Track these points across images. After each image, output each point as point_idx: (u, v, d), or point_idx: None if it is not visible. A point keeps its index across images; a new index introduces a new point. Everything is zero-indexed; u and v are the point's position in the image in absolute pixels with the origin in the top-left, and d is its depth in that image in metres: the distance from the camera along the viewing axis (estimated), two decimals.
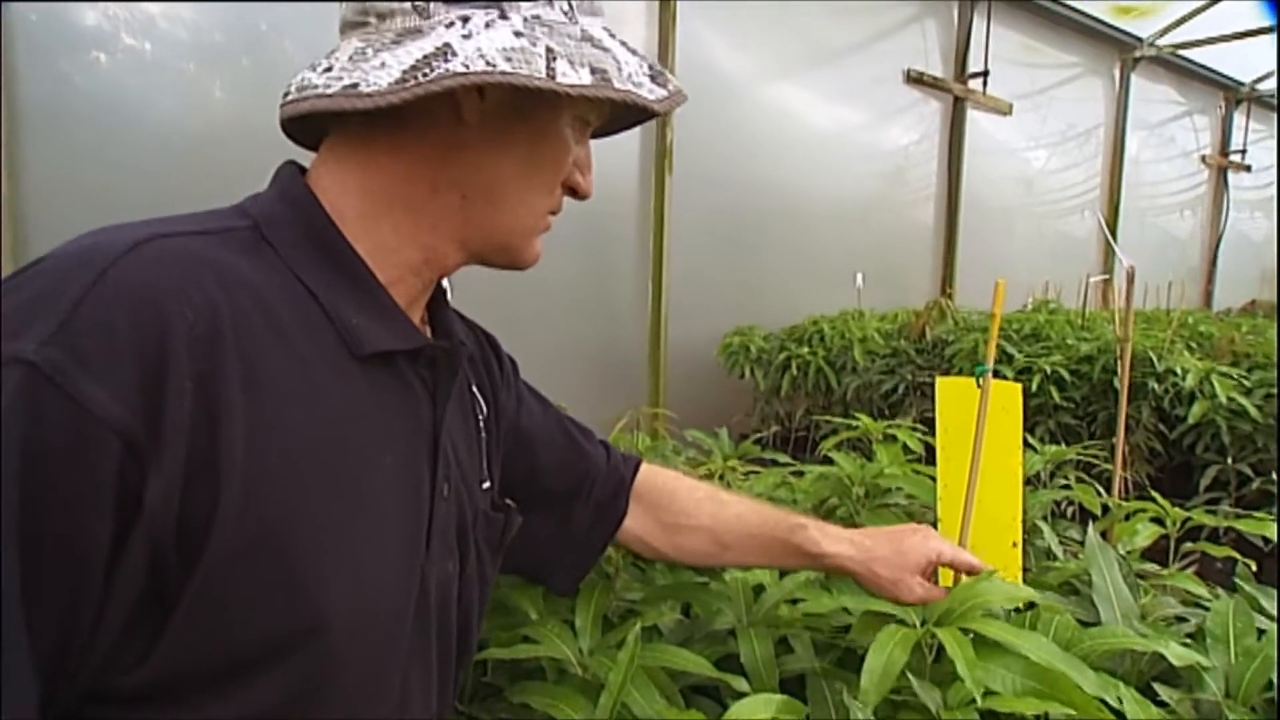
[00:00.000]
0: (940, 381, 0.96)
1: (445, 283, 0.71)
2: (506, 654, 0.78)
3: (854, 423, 1.46)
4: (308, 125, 0.62)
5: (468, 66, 0.53)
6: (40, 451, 0.43)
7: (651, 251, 3.13)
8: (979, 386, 0.90)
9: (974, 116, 4.40)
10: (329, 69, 0.57)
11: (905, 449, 1.32)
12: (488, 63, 0.53)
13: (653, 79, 0.60)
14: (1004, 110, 4.50)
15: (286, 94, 0.59)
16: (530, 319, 2.74)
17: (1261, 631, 0.84)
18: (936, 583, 0.88)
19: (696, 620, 0.94)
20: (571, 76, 0.55)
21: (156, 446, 0.46)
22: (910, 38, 4.10)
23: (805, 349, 2.92)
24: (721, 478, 1.34)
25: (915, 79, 4.07)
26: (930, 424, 0.99)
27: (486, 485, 0.75)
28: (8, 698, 0.43)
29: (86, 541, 0.45)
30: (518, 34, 0.56)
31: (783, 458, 1.49)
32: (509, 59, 0.54)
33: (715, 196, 3.32)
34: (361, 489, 0.56)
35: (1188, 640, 0.84)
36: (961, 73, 4.28)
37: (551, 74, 0.54)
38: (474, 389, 0.76)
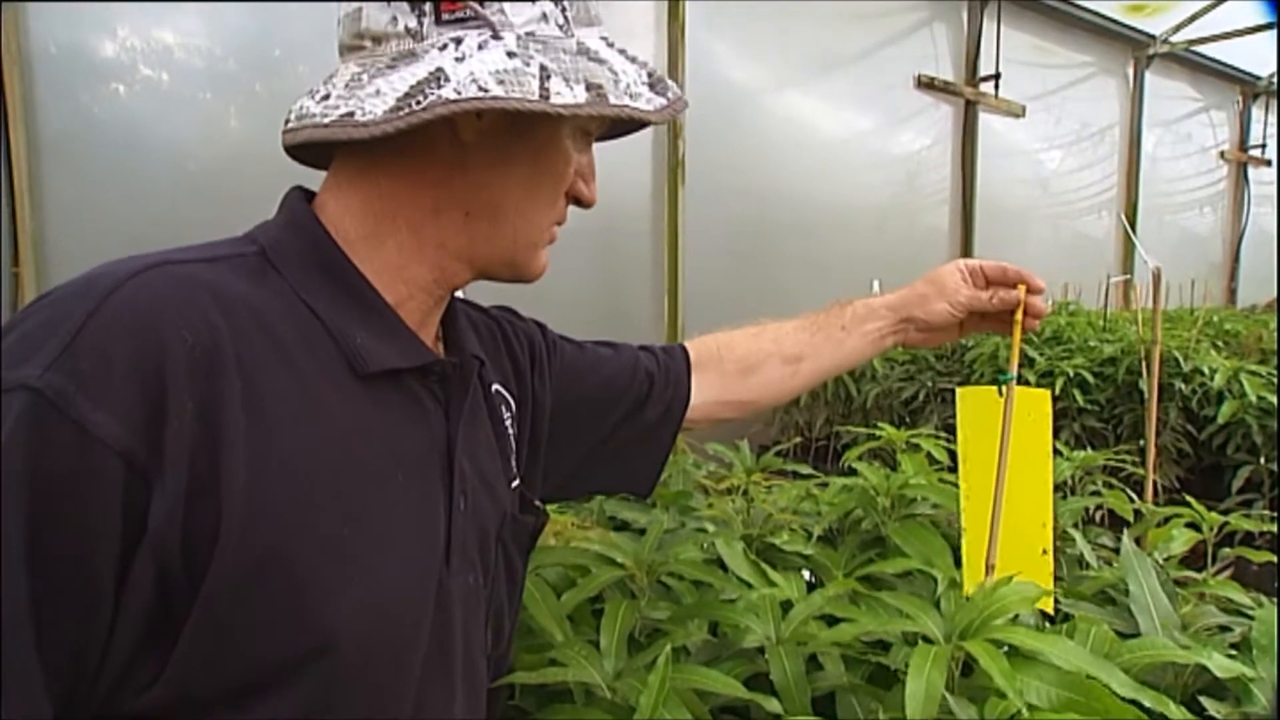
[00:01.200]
0: (960, 391, 0.95)
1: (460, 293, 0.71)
2: (534, 679, 0.77)
3: (877, 432, 1.44)
4: (313, 148, 0.62)
5: (459, 92, 0.54)
6: (46, 475, 0.44)
7: (666, 264, 3.13)
8: (1000, 395, 0.88)
9: (986, 120, 4.37)
10: (326, 96, 0.58)
11: (930, 458, 1.30)
12: (480, 87, 0.54)
13: (651, 87, 0.60)
14: (1016, 112, 4.48)
15: (287, 121, 0.60)
16: None
17: None
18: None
19: (724, 639, 0.92)
20: (566, 95, 0.55)
21: (159, 466, 0.46)
22: (920, 43, 4.09)
23: None
24: (745, 493, 1.33)
25: (926, 84, 4.05)
26: (953, 431, 0.97)
27: (515, 484, 0.75)
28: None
29: (94, 562, 0.46)
30: (511, 54, 0.56)
31: (804, 469, 1.48)
32: (501, 81, 0.54)
33: (728, 207, 3.31)
34: (370, 507, 0.56)
35: (1232, 651, 0.81)
36: (972, 76, 4.25)
37: (545, 94, 0.55)
38: (496, 389, 0.75)
